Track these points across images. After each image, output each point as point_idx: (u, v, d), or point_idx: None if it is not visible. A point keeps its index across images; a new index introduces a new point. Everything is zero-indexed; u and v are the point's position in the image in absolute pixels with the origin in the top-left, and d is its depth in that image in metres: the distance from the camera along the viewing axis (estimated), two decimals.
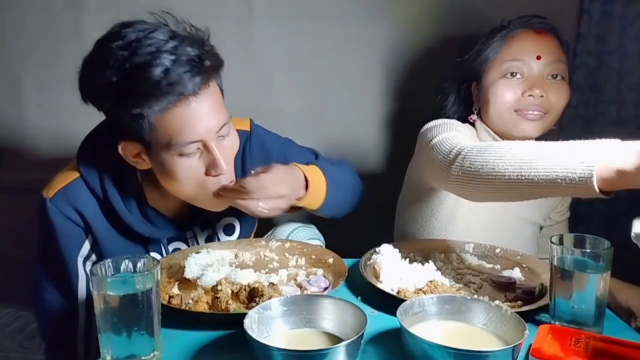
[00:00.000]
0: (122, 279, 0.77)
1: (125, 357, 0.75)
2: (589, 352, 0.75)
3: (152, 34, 0.93)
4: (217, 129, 0.99)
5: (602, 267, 0.83)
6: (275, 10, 1.70)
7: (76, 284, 1.07)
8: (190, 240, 1.19)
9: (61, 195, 1.04)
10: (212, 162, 1.00)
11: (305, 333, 0.82)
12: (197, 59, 0.94)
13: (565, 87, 1.24)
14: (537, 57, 1.20)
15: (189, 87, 0.92)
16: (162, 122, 0.94)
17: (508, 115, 1.23)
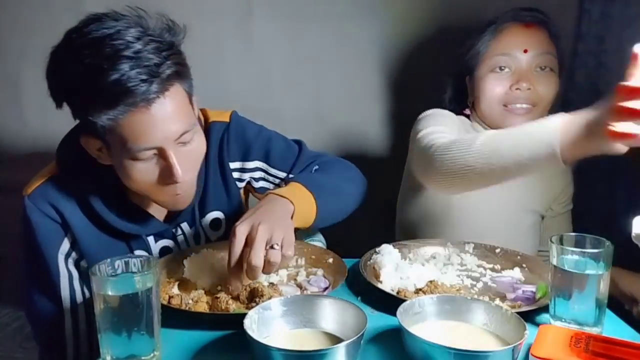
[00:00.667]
0: (122, 278, 0.76)
1: (125, 357, 0.75)
2: (589, 352, 0.75)
3: (119, 34, 0.89)
4: (176, 136, 0.95)
5: (602, 267, 0.83)
6: (275, 10, 1.70)
7: (58, 282, 1.07)
8: (178, 238, 1.17)
9: (38, 192, 1.04)
10: (168, 170, 0.96)
11: (305, 333, 0.82)
12: (155, 68, 0.89)
13: (553, 78, 1.25)
14: (524, 50, 1.21)
15: (143, 96, 0.88)
16: (117, 127, 0.91)
17: (497, 109, 1.26)
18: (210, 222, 1.20)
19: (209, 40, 1.70)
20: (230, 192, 1.20)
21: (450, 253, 1.16)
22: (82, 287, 1.10)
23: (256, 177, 1.23)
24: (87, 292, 1.10)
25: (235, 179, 1.21)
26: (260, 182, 1.23)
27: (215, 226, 1.21)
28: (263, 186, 1.23)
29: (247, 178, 1.22)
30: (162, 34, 0.95)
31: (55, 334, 1.09)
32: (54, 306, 1.08)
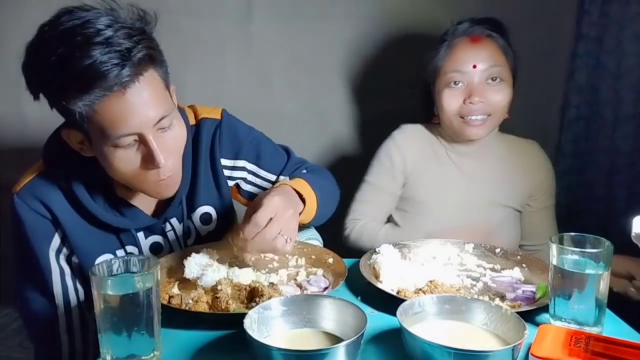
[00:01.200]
0: (122, 278, 0.77)
1: (125, 357, 0.75)
2: (589, 352, 0.75)
3: (89, 23, 0.90)
4: (154, 122, 0.95)
5: (602, 267, 0.83)
6: (275, 10, 1.70)
7: (50, 278, 1.07)
8: (169, 234, 1.17)
9: (27, 189, 1.04)
10: (149, 156, 0.96)
11: (305, 333, 0.82)
12: (127, 52, 0.90)
13: (505, 87, 1.31)
14: (473, 66, 1.29)
15: (116, 80, 0.89)
16: (94, 114, 0.91)
17: (456, 121, 1.33)
18: (200, 216, 1.19)
19: (209, 41, 1.70)
20: (220, 188, 1.20)
21: (450, 253, 1.16)
22: (74, 283, 1.10)
23: (246, 180, 1.23)
24: (80, 288, 1.11)
25: (226, 177, 1.21)
26: (248, 185, 1.24)
27: (205, 221, 1.21)
28: (250, 190, 1.24)
29: (238, 178, 1.23)
30: (134, 22, 0.96)
31: (49, 331, 1.09)
32: (47, 303, 1.08)
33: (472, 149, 1.39)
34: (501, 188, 1.39)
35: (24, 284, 1.09)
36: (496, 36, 1.32)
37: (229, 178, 1.21)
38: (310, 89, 1.76)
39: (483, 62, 1.29)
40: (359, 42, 1.71)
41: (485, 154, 1.40)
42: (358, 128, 1.79)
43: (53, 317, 1.08)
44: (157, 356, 0.77)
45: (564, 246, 0.86)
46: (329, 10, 1.69)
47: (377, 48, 1.71)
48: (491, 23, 1.34)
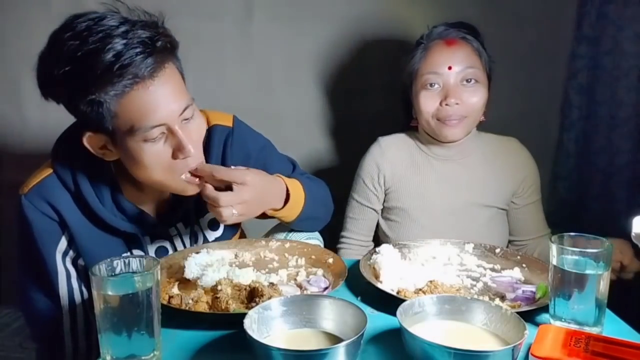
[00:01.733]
0: (122, 278, 0.77)
1: (125, 357, 0.75)
2: (589, 352, 0.75)
3: (103, 21, 0.92)
4: (179, 112, 0.97)
5: (601, 267, 0.83)
6: (275, 10, 1.70)
7: (56, 280, 1.07)
8: (174, 239, 1.17)
9: (35, 191, 1.04)
10: (179, 145, 0.98)
11: (305, 333, 0.82)
12: (149, 41, 0.92)
13: (480, 89, 1.33)
14: (448, 67, 1.30)
15: (143, 69, 0.91)
16: (122, 107, 0.93)
17: (433, 123, 1.35)
18: (208, 222, 1.20)
19: (209, 41, 1.70)
20: None
21: (450, 253, 1.16)
22: (79, 286, 1.10)
23: None
24: (85, 291, 1.11)
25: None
26: None
27: (213, 226, 1.22)
28: None
29: None
30: (145, 18, 0.98)
31: (53, 332, 1.09)
32: (52, 304, 1.08)
33: (453, 153, 1.40)
34: (484, 189, 1.40)
35: (29, 284, 1.09)
36: (470, 39, 1.34)
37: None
38: (310, 89, 1.76)
39: (458, 64, 1.30)
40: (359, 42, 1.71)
41: (466, 156, 1.41)
42: (358, 128, 1.79)
43: (57, 317, 1.09)
44: (157, 356, 0.77)
45: (564, 246, 0.86)
46: (329, 10, 1.69)
47: (379, 47, 1.70)
48: (465, 27, 1.36)
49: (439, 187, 1.41)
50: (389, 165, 1.43)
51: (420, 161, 1.43)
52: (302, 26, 1.71)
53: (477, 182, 1.40)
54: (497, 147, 1.44)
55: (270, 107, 1.75)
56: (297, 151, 1.43)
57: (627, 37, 1.56)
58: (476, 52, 1.34)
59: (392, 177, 1.43)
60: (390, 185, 1.44)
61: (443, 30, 1.35)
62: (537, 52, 1.71)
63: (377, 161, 1.44)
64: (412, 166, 1.43)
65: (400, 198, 1.43)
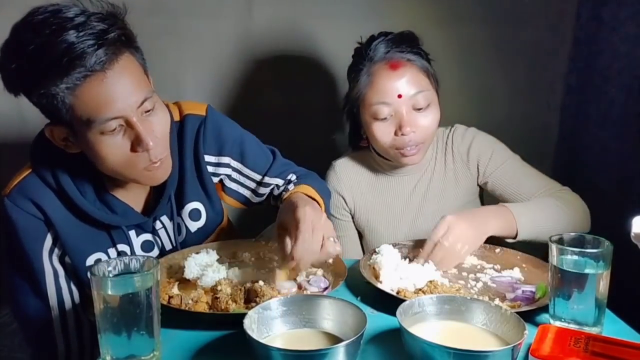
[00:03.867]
0: (122, 278, 0.77)
1: (125, 357, 0.75)
2: (588, 352, 0.75)
3: (59, 13, 0.91)
4: (137, 104, 0.96)
5: (601, 267, 0.83)
6: (275, 10, 1.70)
7: (44, 280, 1.06)
8: (159, 232, 1.17)
9: (17, 190, 1.04)
10: (137, 138, 0.97)
11: (305, 333, 0.82)
12: (102, 33, 0.91)
13: (433, 110, 1.26)
14: (398, 96, 1.22)
15: (93, 61, 0.90)
16: (77, 100, 0.92)
17: (391, 152, 1.28)
18: (189, 212, 1.19)
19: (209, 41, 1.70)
20: (205, 184, 1.20)
21: None
22: (68, 284, 1.09)
23: (230, 177, 1.23)
24: (74, 289, 1.10)
25: (210, 173, 1.21)
26: (232, 183, 1.24)
27: (195, 217, 1.21)
28: (234, 189, 1.25)
29: (222, 174, 1.22)
30: (105, 10, 0.97)
31: (44, 333, 1.09)
32: (42, 305, 1.08)
33: (408, 167, 1.35)
34: (447, 190, 1.36)
35: (18, 286, 1.09)
36: (414, 58, 1.24)
37: (213, 175, 1.21)
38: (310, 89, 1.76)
39: (408, 90, 1.22)
40: None
41: (422, 167, 1.37)
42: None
43: (47, 318, 1.08)
44: (157, 356, 0.77)
45: (564, 246, 0.86)
46: (329, 10, 1.69)
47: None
48: (405, 40, 1.26)
49: (401, 202, 1.37)
50: (348, 190, 1.39)
51: (377, 181, 1.39)
52: (302, 26, 1.71)
53: (439, 185, 1.37)
54: (445, 141, 1.38)
55: (270, 107, 1.75)
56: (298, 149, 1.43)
57: (621, 38, 1.56)
58: (423, 71, 1.25)
59: (352, 201, 1.39)
60: (353, 207, 1.40)
61: (384, 51, 1.24)
62: (537, 52, 1.71)
63: (336, 189, 1.39)
64: (370, 187, 1.40)
65: (365, 218, 1.40)
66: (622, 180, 1.58)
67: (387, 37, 1.26)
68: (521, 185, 1.30)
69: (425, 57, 1.28)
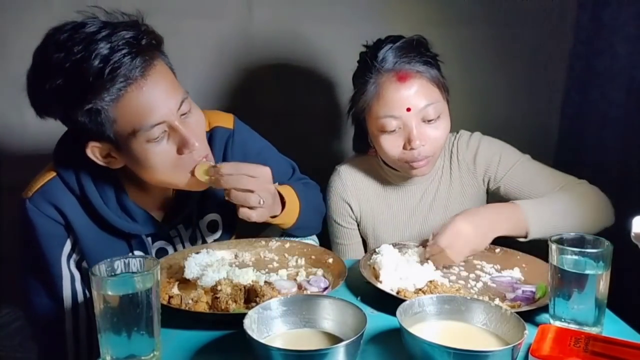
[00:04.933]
0: (122, 278, 0.77)
1: (125, 357, 0.75)
2: (588, 352, 0.75)
3: (82, 28, 0.91)
4: (176, 107, 0.97)
5: (601, 267, 0.83)
6: (275, 11, 1.70)
7: (60, 283, 1.07)
8: (174, 240, 1.17)
9: (39, 194, 1.04)
10: (182, 141, 0.98)
11: (305, 333, 0.82)
12: (133, 40, 0.92)
13: (443, 121, 1.21)
14: (407, 109, 1.17)
15: (133, 70, 0.91)
16: (120, 111, 0.93)
17: (400, 165, 1.25)
18: (207, 223, 1.20)
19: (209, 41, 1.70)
20: None
21: None
22: (83, 289, 1.10)
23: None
24: (88, 293, 1.10)
25: None
26: None
27: (212, 228, 1.22)
28: None
29: None
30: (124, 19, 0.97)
31: (55, 334, 1.09)
32: (55, 307, 1.08)
33: (415, 178, 1.33)
34: (453, 199, 1.34)
35: (32, 287, 1.09)
36: (423, 69, 1.19)
37: None
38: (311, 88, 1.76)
39: (417, 103, 1.17)
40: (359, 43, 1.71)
41: (428, 175, 1.33)
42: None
43: (59, 319, 1.09)
44: (157, 356, 0.77)
45: (564, 246, 0.86)
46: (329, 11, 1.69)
47: None
48: (415, 49, 1.20)
49: (408, 211, 1.36)
50: (354, 196, 1.36)
51: (384, 188, 1.37)
52: (302, 26, 1.71)
53: (444, 198, 1.34)
54: (452, 152, 1.35)
55: (270, 107, 1.75)
56: (298, 150, 1.43)
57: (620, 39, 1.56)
58: (433, 83, 1.20)
59: (359, 208, 1.37)
60: (359, 214, 1.38)
61: (393, 62, 1.18)
62: (537, 52, 1.72)
63: (342, 196, 1.36)
64: (376, 194, 1.37)
65: (370, 225, 1.38)
66: (622, 180, 1.58)
67: (395, 45, 1.19)
68: (535, 185, 1.24)
69: (435, 64, 1.23)
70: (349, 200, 1.37)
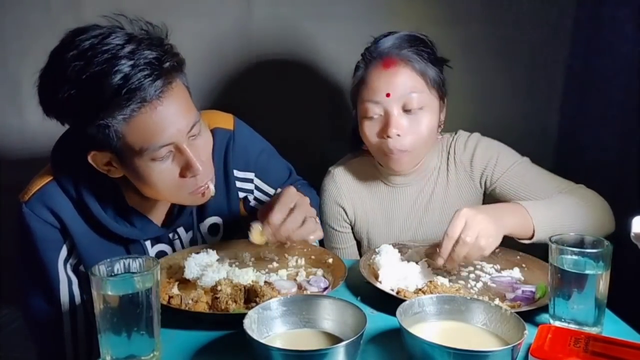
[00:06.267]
0: (122, 279, 0.77)
1: (125, 357, 0.75)
2: (588, 352, 0.75)
3: (107, 39, 0.88)
4: (187, 130, 0.95)
5: (601, 267, 0.83)
6: (275, 10, 1.70)
7: (58, 287, 1.06)
8: (174, 243, 1.17)
9: (36, 198, 1.03)
10: (187, 164, 0.97)
11: (304, 333, 0.82)
12: (156, 62, 0.89)
13: (426, 115, 1.19)
14: (386, 94, 1.16)
15: (151, 92, 0.89)
16: (130, 129, 0.91)
17: (378, 155, 1.24)
18: (208, 227, 1.20)
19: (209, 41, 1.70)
20: (231, 199, 1.20)
21: None
22: (81, 293, 1.09)
23: (253, 193, 1.25)
24: (86, 297, 1.10)
25: (238, 188, 1.21)
26: (254, 201, 1.26)
27: (213, 231, 1.21)
28: (252, 205, 1.27)
29: (247, 191, 1.23)
30: (148, 31, 0.95)
31: (53, 337, 1.09)
32: (53, 311, 1.08)
33: (410, 179, 1.32)
34: (450, 202, 1.31)
35: (30, 290, 1.09)
36: (414, 58, 1.17)
37: (240, 190, 1.22)
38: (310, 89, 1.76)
39: (397, 90, 1.16)
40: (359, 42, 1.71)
41: (425, 178, 1.32)
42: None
43: (58, 324, 1.08)
44: (157, 356, 0.77)
45: (564, 246, 0.86)
46: (329, 10, 1.69)
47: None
48: (410, 41, 1.20)
49: (403, 213, 1.34)
50: (348, 200, 1.35)
51: (378, 190, 1.35)
52: (302, 26, 1.71)
53: (440, 200, 1.32)
54: (449, 153, 1.32)
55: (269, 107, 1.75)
56: (297, 151, 1.43)
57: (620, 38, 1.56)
58: (419, 73, 1.17)
59: (353, 211, 1.36)
60: (353, 218, 1.37)
61: (383, 48, 1.19)
62: (537, 52, 1.71)
63: (336, 200, 1.35)
64: (370, 197, 1.35)
65: (365, 229, 1.37)
66: (622, 180, 1.58)
67: (394, 35, 1.21)
68: (532, 188, 1.22)
69: (432, 62, 1.20)
70: (343, 204, 1.35)
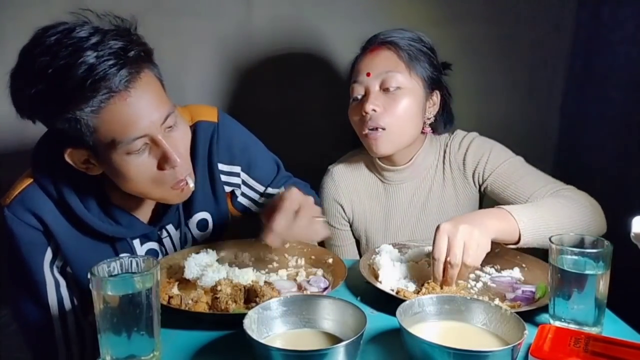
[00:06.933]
0: (122, 279, 0.77)
1: (125, 357, 0.75)
2: (588, 352, 0.75)
3: (72, 33, 0.88)
4: (160, 121, 0.94)
5: (601, 267, 0.83)
6: (275, 10, 1.70)
7: (45, 290, 1.05)
8: (164, 240, 1.16)
9: (17, 202, 1.02)
10: (164, 156, 0.95)
11: (304, 333, 0.82)
12: (121, 51, 0.88)
13: (404, 96, 1.21)
14: (367, 74, 1.23)
15: (117, 82, 0.87)
16: (101, 122, 0.90)
17: (362, 137, 1.27)
18: (197, 223, 1.19)
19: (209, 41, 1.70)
20: (217, 193, 1.19)
21: None
22: (69, 294, 1.09)
23: (240, 187, 1.23)
24: (75, 296, 1.10)
25: (223, 182, 1.20)
26: (241, 196, 1.25)
27: (202, 227, 1.20)
28: (242, 202, 1.25)
29: (234, 184, 1.22)
30: (117, 26, 0.94)
31: (45, 341, 1.08)
32: (42, 313, 1.07)
33: (406, 175, 1.33)
34: (447, 201, 1.33)
35: (19, 294, 1.08)
36: (401, 45, 1.23)
37: (226, 184, 1.20)
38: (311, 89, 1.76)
39: (377, 69, 1.22)
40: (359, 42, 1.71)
41: (420, 175, 1.34)
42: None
43: (49, 326, 1.08)
44: (157, 356, 0.77)
45: (564, 246, 0.87)
46: (329, 10, 1.69)
47: None
48: (402, 34, 1.26)
49: (400, 211, 1.35)
50: (346, 197, 1.37)
51: (376, 188, 1.37)
52: (302, 26, 1.71)
53: (437, 199, 1.33)
54: (445, 152, 1.34)
55: (270, 107, 1.75)
56: (297, 151, 1.43)
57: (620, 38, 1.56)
58: (401, 57, 1.22)
59: (351, 209, 1.38)
60: (351, 215, 1.38)
61: (377, 39, 1.26)
62: (537, 51, 1.72)
63: (334, 197, 1.37)
64: (368, 194, 1.37)
65: (363, 226, 1.38)
66: (622, 180, 1.58)
67: (395, 30, 1.27)
68: (520, 186, 1.22)
69: (424, 57, 1.24)
70: (341, 201, 1.37)
